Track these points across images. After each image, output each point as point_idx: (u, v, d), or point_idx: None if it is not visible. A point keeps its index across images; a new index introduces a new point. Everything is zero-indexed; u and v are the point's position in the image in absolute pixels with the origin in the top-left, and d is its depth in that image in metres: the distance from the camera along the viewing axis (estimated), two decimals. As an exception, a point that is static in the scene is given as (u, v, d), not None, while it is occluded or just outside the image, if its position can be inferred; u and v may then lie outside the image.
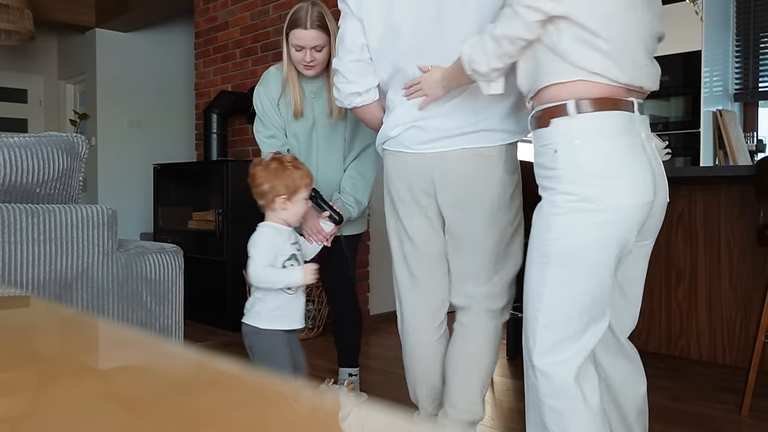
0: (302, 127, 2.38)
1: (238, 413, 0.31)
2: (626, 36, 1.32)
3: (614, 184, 1.32)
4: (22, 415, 0.32)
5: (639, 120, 1.38)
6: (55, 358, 0.46)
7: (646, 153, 1.36)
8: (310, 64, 2.26)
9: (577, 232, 1.35)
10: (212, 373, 0.39)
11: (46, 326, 0.59)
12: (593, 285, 1.36)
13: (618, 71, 1.32)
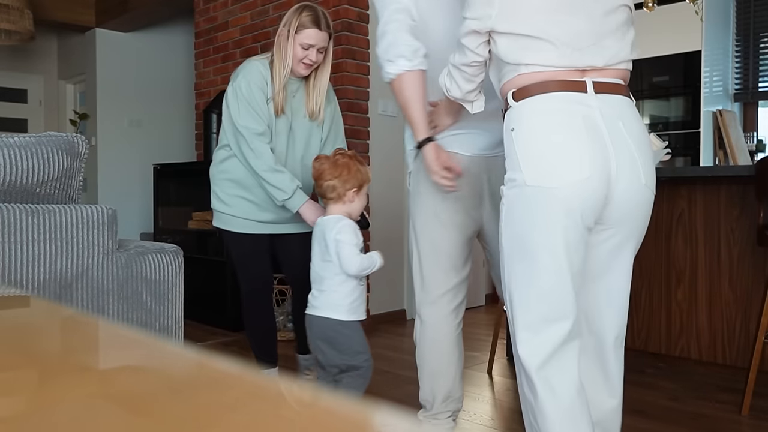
0: (281, 126, 2.39)
1: (238, 413, 0.31)
2: (555, 25, 1.34)
3: (542, 163, 1.31)
4: (22, 415, 0.32)
5: (592, 98, 1.33)
6: (55, 358, 0.46)
7: (592, 131, 1.31)
8: (311, 64, 2.30)
9: (515, 216, 1.37)
10: (212, 373, 0.39)
11: (46, 326, 0.59)
12: (545, 274, 1.34)
13: (553, 56, 1.34)
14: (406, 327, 3.95)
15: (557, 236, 1.31)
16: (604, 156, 1.31)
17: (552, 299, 1.35)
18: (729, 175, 2.64)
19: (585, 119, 1.32)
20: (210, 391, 0.36)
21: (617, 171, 1.32)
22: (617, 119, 1.34)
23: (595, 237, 1.40)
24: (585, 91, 1.34)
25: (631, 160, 1.34)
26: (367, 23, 3.94)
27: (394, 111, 4.10)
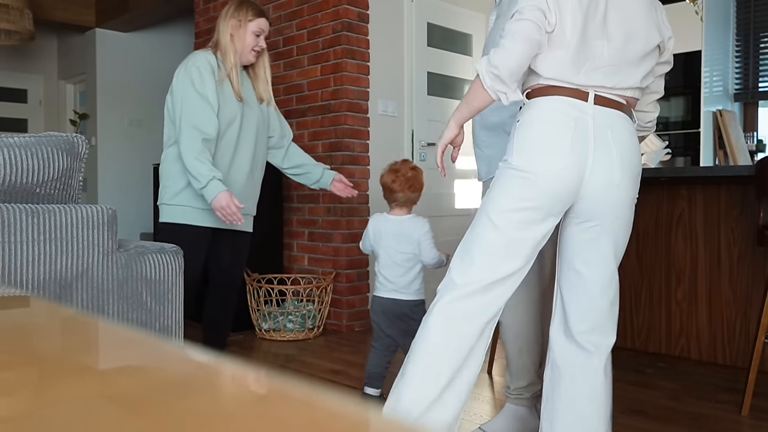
0: (234, 112, 2.41)
1: (238, 413, 0.31)
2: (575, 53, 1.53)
3: (528, 151, 1.53)
4: (22, 415, 0.32)
5: (590, 107, 1.53)
6: (55, 358, 0.46)
7: (578, 133, 1.50)
8: (260, 51, 2.48)
9: (495, 187, 1.59)
10: (212, 373, 0.39)
11: (46, 326, 0.59)
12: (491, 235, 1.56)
13: (570, 75, 1.53)
14: (406, 327, 3.95)
15: (520, 213, 1.53)
16: (582, 156, 1.50)
17: (479, 260, 1.56)
18: (729, 175, 2.64)
19: (576, 121, 1.51)
20: (210, 391, 0.36)
21: (591, 170, 1.51)
22: (607, 128, 1.53)
23: (574, 228, 1.60)
24: (586, 100, 1.53)
25: (608, 163, 1.52)
26: (367, 23, 3.94)
27: (394, 111, 4.10)
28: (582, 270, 1.60)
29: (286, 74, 4.19)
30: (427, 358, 1.55)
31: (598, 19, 1.52)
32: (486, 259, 1.55)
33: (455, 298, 1.56)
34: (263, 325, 3.65)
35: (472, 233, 1.62)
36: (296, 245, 4.11)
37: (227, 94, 2.40)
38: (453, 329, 1.55)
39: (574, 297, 1.62)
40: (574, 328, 1.62)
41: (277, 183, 4.12)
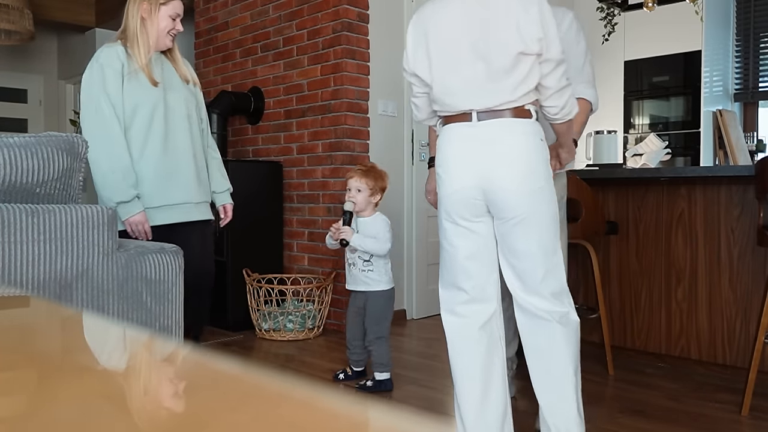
0: (155, 98, 2.34)
1: (238, 413, 0.31)
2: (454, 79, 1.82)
3: (443, 177, 1.86)
4: (22, 415, 0.32)
5: (476, 126, 1.79)
6: (55, 358, 0.46)
7: (474, 151, 1.78)
8: (176, 34, 2.43)
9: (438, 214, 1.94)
10: (212, 373, 0.39)
11: (46, 326, 0.59)
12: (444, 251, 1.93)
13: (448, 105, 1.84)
14: (406, 327, 3.95)
15: (448, 226, 1.88)
16: (480, 170, 1.78)
17: (450, 273, 1.91)
18: (729, 175, 2.64)
19: (469, 143, 1.79)
20: (210, 391, 0.36)
21: (491, 180, 1.77)
22: (495, 139, 1.77)
23: (498, 227, 1.85)
24: (470, 120, 1.80)
25: (505, 170, 1.76)
26: (367, 23, 3.94)
27: (394, 111, 4.10)
28: (508, 257, 1.86)
29: (286, 74, 4.19)
30: None
31: (474, 43, 1.77)
32: (452, 274, 1.91)
33: (451, 308, 1.93)
34: (263, 325, 3.65)
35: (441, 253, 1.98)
36: (296, 245, 4.11)
37: (142, 83, 2.31)
38: (458, 333, 1.92)
39: (512, 281, 1.88)
40: (523, 305, 1.87)
41: (278, 183, 4.12)
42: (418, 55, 1.85)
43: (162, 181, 2.33)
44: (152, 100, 2.33)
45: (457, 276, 1.88)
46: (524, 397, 2.48)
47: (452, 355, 1.93)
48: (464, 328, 1.89)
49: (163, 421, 0.31)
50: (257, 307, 3.66)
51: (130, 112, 2.30)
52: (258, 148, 4.41)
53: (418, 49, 1.85)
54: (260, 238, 4.00)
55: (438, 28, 1.81)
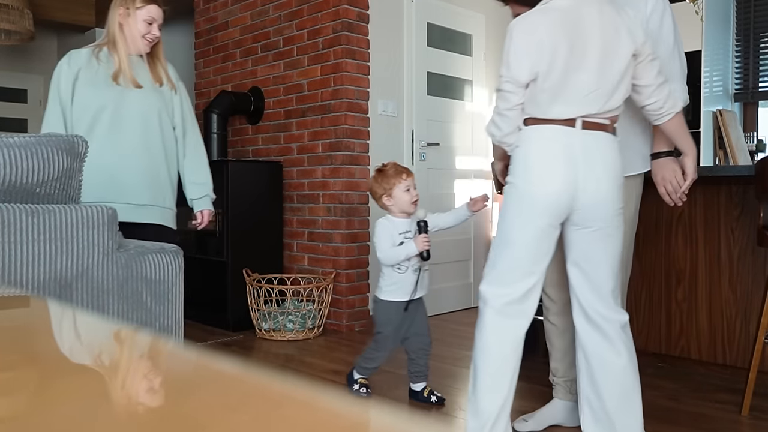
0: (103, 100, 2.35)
1: (238, 413, 0.31)
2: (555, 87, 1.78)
3: (529, 175, 1.80)
4: (22, 415, 0.32)
5: (579, 134, 1.78)
6: (55, 358, 0.46)
7: (569, 157, 1.76)
8: (152, 39, 2.44)
9: (507, 205, 1.86)
10: (212, 373, 0.39)
11: (46, 326, 0.59)
12: (512, 248, 1.84)
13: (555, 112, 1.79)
14: (406, 327, 3.95)
15: (528, 226, 1.81)
16: (573, 177, 1.76)
17: (511, 270, 1.84)
18: (729, 175, 2.64)
19: (566, 148, 1.77)
20: (210, 391, 0.36)
21: (582, 188, 1.77)
22: (594, 150, 1.78)
23: (575, 234, 1.85)
24: (574, 126, 1.78)
25: (595, 181, 1.78)
26: (367, 23, 3.94)
27: (394, 111, 4.10)
28: (585, 267, 1.86)
29: (286, 74, 4.19)
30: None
31: (577, 53, 1.75)
32: (514, 272, 1.83)
33: (497, 309, 1.83)
34: (263, 325, 3.65)
35: (497, 247, 1.89)
36: (296, 245, 4.11)
37: (97, 84, 2.34)
38: (504, 336, 1.84)
39: (585, 289, 1.87)
40: (590, 313, 1.86)
41: (278, 183, 4.13)
42: (527, 63, 1.78)
43: (99, 179, 2.32)
44: (101, 102, 2.33)
45: (515, 274, 1.83)
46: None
47: (490, 357, 1.84)
48: (514, 330, 1.84)
49: (164, 421, 0.31)
50: (257, 307, 3.66)
51: (77, 112, 2.35)
52: (258, 148, 4.41)
53: (527, 56, 1.78)
54: (260, 238, 4.00)
55: (554, 33, 1.75)
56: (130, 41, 2.40)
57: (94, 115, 2.33)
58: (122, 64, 2.36)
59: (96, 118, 2.34)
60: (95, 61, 2.38)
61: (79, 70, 2.35)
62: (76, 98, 2.35)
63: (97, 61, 2.38)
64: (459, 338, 3.64)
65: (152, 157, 2.41)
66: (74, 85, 2.35)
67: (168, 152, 2.47)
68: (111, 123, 2.34)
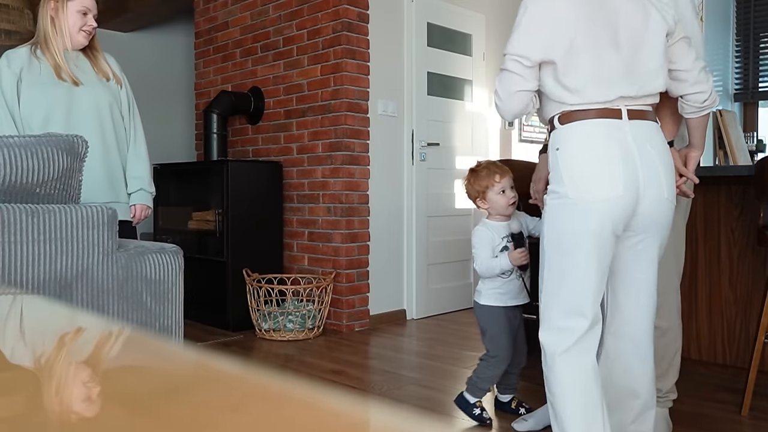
0: (53, 98, 2.29)
1: (238, 413, 0.31)
2: (590, 66, 1.58)
3: (583, 181, 1.56)
4: (22, 415, 0.32)
5: (626, 124, 1.58)
6: (55, 358, 0.46)
7: (625, 154, 1.55)
8: (89, 30, 2.34)
9: (556, 221, 1.62)
10: (212, 373, 0.39)
11: (47, 327, 0.59)
12: (576, 271, 1.60)
13: (590, 95, 1.58)
14: (406, 327, 3.95)
15: (590, 241, 1.57)
16: (634, 176, 1.55)
17: (578, 296, 1.61)
18: (729, 175, 2.64)
19: (620, 143, 1.56)
20: (210, 391, 0.36)
21: (644, 188, 1.57)
22: (646, 142, 1.58)
23: (625, 242, 1.65)
24: (620, 117, 1.58)
25: (657, 178, 1.59)
26: (367, 23, 3.94)
27: (394, 111, 4.10)
28: (638, 276, 1.69)
29: (286, 74, 4.19)
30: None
31: (605, 32, 1.56)
32: (581, 296, 1.61)
33: (571, 344, 1.61)
34: (263, 325, 3.65)
35: (554, 279, 1.64)
36: (296, 245, 4.11)
37: (43, 83, 2.28)
38: (582, 374, 1.62)
39: (628, 299, 1.71)
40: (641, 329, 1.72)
41: (278, 183, 4.13)
42: (540, 39, 1.58)
43: None
44: (50, 101, 2.28)
45: (583, 308, 1.60)
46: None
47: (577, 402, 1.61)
48: (590, 361, 1.62)
49: (164, 421, 0.31)
50: (257, 307, 3.66)
51: (26, 113, 2.28)
52: (258, 148, 4.41)
53: (541, 32, 1.57)
54: (260, 238, 4.00)
55: (577, 9, 1.56)
56: (65, 36, 2.31)
57: (45, 116, 2.27)
58: (57, 61, 2.28)
59: (48, 118, 2.27)
60: (35, 60, 2.30)
61: (21, 71, 2.27)
62: (23, 100, 2.26)
63: (38, 60, 2.30)
64: (459, 338, 3.64)
65: (109, 153, 2.38)
66: (18, 87, 2.26)
67: (121, 146, 2.44)
68: (65, 122, 2.28)
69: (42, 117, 2.27)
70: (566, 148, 1.60)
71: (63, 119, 2.29)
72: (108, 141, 2.38)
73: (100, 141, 2.34)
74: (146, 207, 2.48)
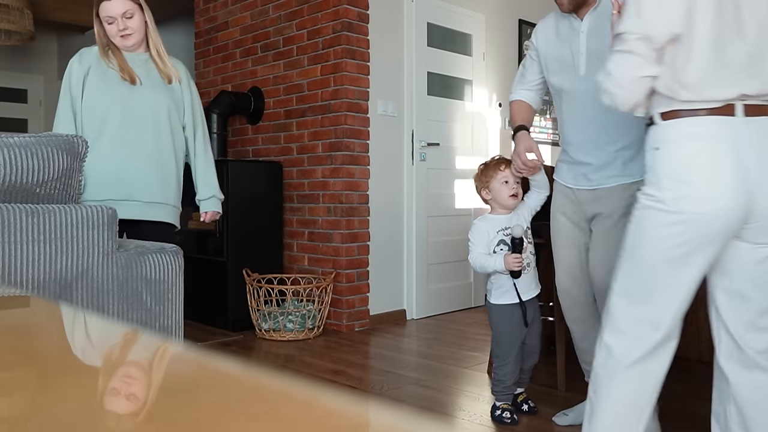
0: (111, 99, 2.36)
1: (238, 413, 0.31)
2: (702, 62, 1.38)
3: (685, 188, 1.38)
4: (22, 415, 0.32)
5: (741, 122, 1.37)
6: (55, 358, 0.46)
7: (737, 157, 1.36)
8: (125, 33, 2.39)
9: (645, 228, 1.46)
10: (212, 373, 0.39)
11: (46, 326, 0.59)
12: (651, 285, 1.46)
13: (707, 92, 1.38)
14: (406, 327, 3.95)
15: (677, 254, 1.41)
16: (746, 183, 1.36)
17: (656, 308, 1.47)
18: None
19: (732, 145, 1.36)
20: (210, 391, 0.36)
21: (757, 194, 1.37)
22: (764, 142, 1.38)
23: (740, 251, 1.47)
24: (733, 114, 1.37)
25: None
26: (367, 23, 3.94)
27: (394, 111, 4.10)
28: (749, 293, 1.50)
29: (286, 74, 4.19)
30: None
31: (729, 19, 1.36)
32: (661, 310, 1.48)
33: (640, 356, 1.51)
34: (263, 325, 3.65)
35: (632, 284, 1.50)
36: (296, 245, 4.11)
37: (108, 82, 2.38)
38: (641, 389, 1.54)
39: (741, 321, 1.55)
40: (751, 353, 1.57)
41: (278, 183, 4.13)
42: (669, 16, 1.36)
43: (109, 176, 2.33)
44: (110, 98, 2.36)
45: (660, 313, 1.49)
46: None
47: (618, 416, 1.54)
48: (652, 384, 1.56)
49: (164, 421, 0.31)
50: (257, 307, 3.66)
51: (87, 107, 2.37)
52: (258, 148, 4.41)
53: (668, 6, 1.36)
54: (260, 238, 4.00)
55: None
56: (111, 44, 2.44)
57: (104, 113, 2.35)
58: (121, 62, 2.39)
59: (106, 115, 2.35)
60: (105, 59, 2.41)
61: (90, 67, 2.38)
62: (86, 95, 2.37)
63: (108, 59, 2.41)
64: (459, 338, 3.64)
65: (162, 155, 2.41)
66: (84, 82, 2.37)
67: (177, 151, 2.48)
68: (122, 120, 2.35)
69: (101, 114, 2.35)
70: (668, 149, 1.42)
71: (119, 118, 2.36)
72: (163, 143, 2.42)
73: (153, 143, 2.39)
74: (217, 213, 2.59)
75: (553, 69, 2.17)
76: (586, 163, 2.08)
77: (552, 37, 2.16)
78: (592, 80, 2.00)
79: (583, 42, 2.06)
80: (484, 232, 2.24)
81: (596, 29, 2.03)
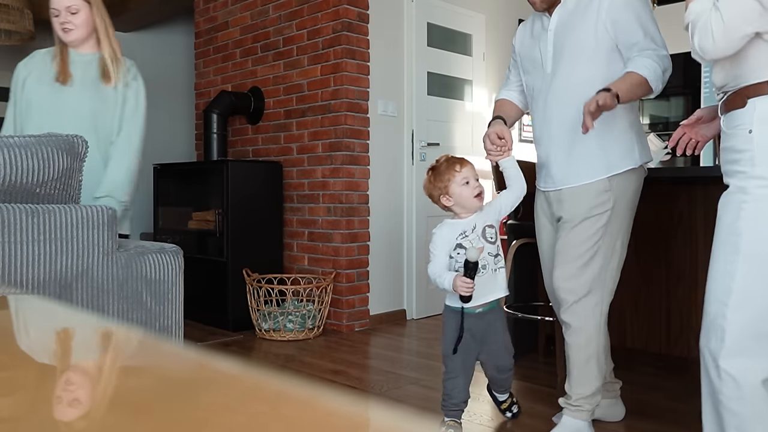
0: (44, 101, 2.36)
1: (238, 413, 0.31)
2: None
3: None
4: (22, 415, 0.32)
5: None
6: (55, 358, 0.46)
7: None
8: (66, 27, 2.37)
9: (758, 223, 1.28)
10: (212, 373, 0.39)
11: (46, 326, 0.59)
12: None
13: None
14: (406, 327, 3.95)
15: None
16: None
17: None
18: (729, 175, 2.63)
19: None
20: (210, 391, 0.36)
21: None
22: None
23: None
24: None
25: None
26: (367, 23, 3.94)
27: (394, 111, 4.10)
28: None
29: (286, 74, 4.19)
30: None
31: None
32: None
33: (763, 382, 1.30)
34: (263, 325, 3.65)
35: (759, 291, 1.31)
36: (296, 245, 4.11)
37: (44, 80, 2.37)
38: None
39: None
40: None
41: (278, 183, 4.13)
42: None
43: None
44: (40, 101, 2.36)
45: None
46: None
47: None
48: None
49: (164, 421, 0.31)
50: (257, 307, 3.66)
51: (22, 110, 2.38)
52: (258, 148, 4.41)
53: None
54: (260, 238, 4.00)
55: None
56: (59, 36, 2.42)
57: (37, 114, 2.35)
58: (61, 62, 2.39)
59: (39, 116, 2.35)
60: (49, 58, 2.41)
61: (34, 69, 2.40)
62: (25, 96, 2.38)
63: (52, 59, 2.41)
64: (459, 338, 3.64)
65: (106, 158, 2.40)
66: (25, 83, 2.38)
67: (103, 153, 2.42)
68: (49, 121, 2.32)
69: (35, 114, 2.36)
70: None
71: (48, 117, 2.35)
72: (102, 146, 2.40)
73: (94, 145, 2.33)
74: None
75: (527, 69, 2.17)
76: (550, 162, 2.09)
77: (527, 37, 2.18)
78: (556, 78, 2.00)
79: (550, 40, 2.05)
80: (445, 240, 2.01)
81: (563, 26, 2.02)
